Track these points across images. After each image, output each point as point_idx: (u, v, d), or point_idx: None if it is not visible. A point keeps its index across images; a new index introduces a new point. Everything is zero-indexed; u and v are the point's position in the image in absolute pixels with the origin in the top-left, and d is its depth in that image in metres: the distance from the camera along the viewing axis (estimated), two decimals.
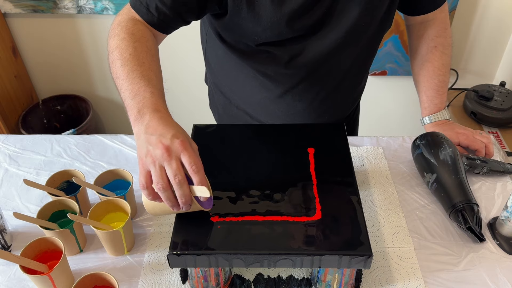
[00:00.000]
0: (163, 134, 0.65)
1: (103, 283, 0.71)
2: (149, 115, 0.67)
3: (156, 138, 0.64)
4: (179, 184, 0.64)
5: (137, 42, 0.76)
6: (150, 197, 0.67)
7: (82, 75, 2.05)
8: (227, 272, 0.75)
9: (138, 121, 0.67)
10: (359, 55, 0.97)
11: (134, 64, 0.73)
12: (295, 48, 0.89)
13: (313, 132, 0.89)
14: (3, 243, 0.81)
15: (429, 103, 1.04)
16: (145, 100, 0.69)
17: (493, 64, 1.92)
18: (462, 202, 0.83)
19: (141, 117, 0.67)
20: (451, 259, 0.81)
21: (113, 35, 0.79)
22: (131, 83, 0.71)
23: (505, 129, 1.67)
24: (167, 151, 0.63)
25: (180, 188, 0.64)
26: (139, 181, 0.66)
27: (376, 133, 2.10)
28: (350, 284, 0.75)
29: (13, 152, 1.05)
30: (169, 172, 0.64)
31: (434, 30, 1.02)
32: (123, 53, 0.75)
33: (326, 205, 0.74)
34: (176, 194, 0.65)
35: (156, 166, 0.64)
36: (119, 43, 0.76)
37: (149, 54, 0.77)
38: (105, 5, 1.79)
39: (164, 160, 0.63)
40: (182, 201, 0.66)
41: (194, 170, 0.65)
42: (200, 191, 0.66)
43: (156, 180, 0.64)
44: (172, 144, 0.64)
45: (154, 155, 0.64)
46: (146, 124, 0.66)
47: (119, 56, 0.75)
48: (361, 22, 0.86)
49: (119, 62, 0.74)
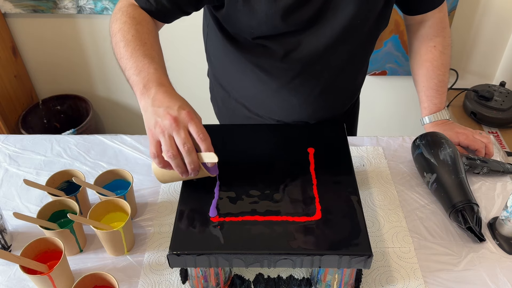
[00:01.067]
0: (170, 106, 0.68)
1: (103, 283, 0.71)
2: (154, 89, 0.71)
3: (164, 110, 0.68)
4: (188, 151, 0.68)
5: (139, 24, 0.80)
6: (161, 165, 0.71)
7: (82, 75, 2.05)
8: (227, 272, 0.75)
9: (144, 95, 0.71)
10: (355, 52, 0.97)
11: (137, 44, 0.77)
12: (290, 43, 0.90)
13: (313, 132, 0.89)
14: (3, 243, 0.82)
15: (429, 103, 1.05)
16: (150, 75, 0.73)
17: (493, 64, 1.92)
18: (462, 202, 0.83)
19: (147, 91, 0.71)
20: (451, 259, 0.81)
21: (115, 20, 0.82)
22: (135, 61, 0.75)
23: (505, 129, 1.67)
24: (175, 121, 0.67)
25: (189, 155, 0.68)
26: (150, 151, 0.70)
27: (376, 133, 2.10)
28: (350, 284, 0.75)
29: (13, 152, 1.05)
30: (178, 141, 0.68)
31: (433, 29, 1.03)
32: (125, 34, 0.78)
33: (326, 205, 0.74)
34: (185, 161, 0.69)
35: (166, 136, 0.68)
36: (121, 26, 0.80)
37: (151, 35, 0.81)
38: (105, 5, 1.79)
39: (172, 130, 0.67)
40: (191, 168, 0.70)
41: (201, 138, 0.69)
42: (208, 157, 0.70)
43: (166, 149, 0.68)
44: (179, 115, 0.68)
45: (163, 125, 0.68)
46: (152, 97, 0.70)
47: (122, 38, 0.78)
48: (356, 19, 0.87)
49: (123, 43, 0.78)
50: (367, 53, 1.03)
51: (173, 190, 0.94)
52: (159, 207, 0.90)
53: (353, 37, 0.91)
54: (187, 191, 0.78)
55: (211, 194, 0.76)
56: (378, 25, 0.94)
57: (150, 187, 0.95)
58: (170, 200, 0.92)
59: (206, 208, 0.74)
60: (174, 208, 0.89)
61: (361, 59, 1.03)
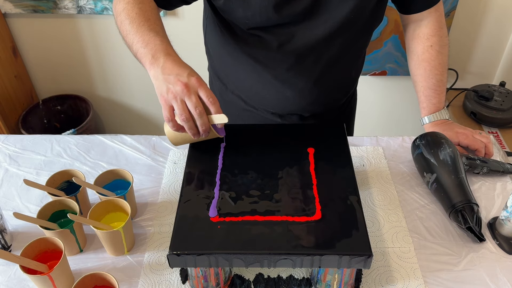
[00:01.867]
0: (179, 74, 0.74)
1: (103, 283, 0.71)
2: (163, 58, 0.76)
3: (174, 77, 0.74)
4: (200, 114, 0.74)
5: (141, 3, 0.85)
6: (174, 128, 0.77)
7: (82, 75, 2.05)
8: (227, 272, 0.75)
9: (154, 65, 0.76)
10: (348, 47, 0.98)
11: (141, 20, 0.82)
12: (284, 35, 0.92)
13: (313, 132, 0.89)
14: (3, 243, 0.82)
15: (428, 103, 1.05)
16: (157, 46, 0.78)
17: (493, 64, 1.92)
18: (462, 202, 0.83)
19: (156, 61, 0.76)
20: (451, 259, 0.81)
21: (119, 1, 0.87)
22: (141, 35, 0.80)
23: (505, 129, 1.67)
24: (186, 87, 0.73)
25: (200, 117, 0.74)
26: (164, 115, 0.76)
27: (376, 133, 2.11)
28: (350, 284, 0.75)
29: (13, 152, 1.05)
30: (190, 104, 0.73)
31: (429, 29, 1.03)
32: (130, 13, 0.83)
33: (326, 205, 0.74)
34: (196, 123, 0.75)
35: (178, 101, 0.73)
36: (125, 5, 0.85)
37: (153, 13, 0.85)
38: (105, 5, 1.79)
39: (184, 95, 0.73)
40: (202, 129, 0.76)
41: (211, 101, 0.74)
42: (218, 118, 0.76)
43: (179, 113, 0.74)
44: (189, 81, 0.73)
45: (175, 91, 0.73)
46: (161, 66, 0.75)
47: (127, 16, 0.83)
48: (350, 14, 0.88)
49: (128, 21, 0.83)
50: (361, 48, 1.04)
51: (173, 190, 0.94)
52: (159, 207, 0.90)
53: (346, 31, 0.93)
54: (187, 191, 0.78)
55: (211, 194, 0.76)
56: (372, 21, 0.96)
57: (150, 187, 0.95)
58: (170, 200, 0.92)
59: (206, 208, 0.74)
60: (174, 208, 0.89)
61: (355, 54, 1.04)
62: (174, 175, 0.97)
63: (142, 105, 2.15)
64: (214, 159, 0.84)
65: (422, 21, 1.03)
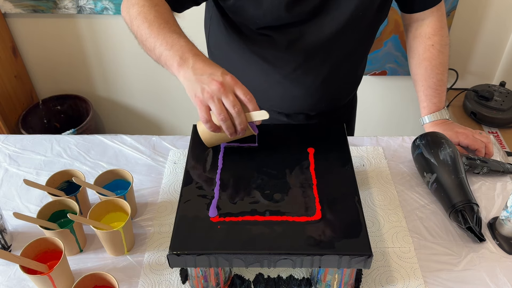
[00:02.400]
0: (213, 73, 0.73)
1: (103, 283, 0.71)
2: (192, 59, 0.74)
3: (208, 77, 0.72)
4: (238, 113, 0.73)
5: (157, 6, 0.83)
6: (212, 129, 0.75)
7: (82, 75, 2.05)
8: (227, 272, 0.75)
9: (183, 66, 0.74)
10: (356, 44, 0.99)
11: (161, 23, 0.80)
12: (293, 33, 0.92)
13: (313, 132, 0.89)
14: (3, 243, 0.81)
15: (428, 102, 1.05)
16: (183, 48, 0.76)
17: (493, 64, 1.92)
18: (462, 202, 0.83)
19: (185, 62, 0.74)
20: (451, 259, 0.81)
21: (131, 5, 0.83)
22: (164, 38, 0.77)
23: (505, 129, 1.67)
24: (222, 86, 0.71)
25: (239, 116, 0.73)
26: (201, 117, 0.74)
27: (376, 133, 2.10)
28: (350, 284, 0.75)
29: (13, 152, 1.05)
30: (228, 103, 0.72)
31: (430, 28, 1.03)
32: (147, 16, 0.80)
33: (326, 205, 0.74)
34: (234, 122, 0.74)
35: (215, 101, 0.72)
36: (140, 9, 0.82)
37: (170, 15, 0.84)
38: (105, 5, 1.79)
39: (221, 94, 0.72)
40: (241, 127, 0.75)
41: (248, 99, 0.74)
42: (259, 115, 0.75)
43: (218, 112, 0.72)
44: (224, 80, 0.72)
45: (211, 91, 0.71)
46: (192, 67, 0.74)
47: (144, 20, 0.80)
48: (358, 11, 0.89)
49: (146, 24, 0.80)
50: (367, 46, 1.05)
51: (173, 190, 0.94)
52: (159, 207, 0.90)
53: (354, 29, 0.93)
54: (187, 191, 0.78)
55: (211, 194, 0.76)
56: (378, 17, 0.96)
57: (150, 187, 0.95)
58: (170, 200, 0.92)
59: (206, 208, 0.74)
60: (174, 208, 0.89)
61: (362, 52, 1.05)
62: (174, 175, 0.97)
63: (142, 105, 2.15)
64: (214, 159, 0.84)
65: (424, 20, 1.03)
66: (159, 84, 2.04)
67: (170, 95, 2.08)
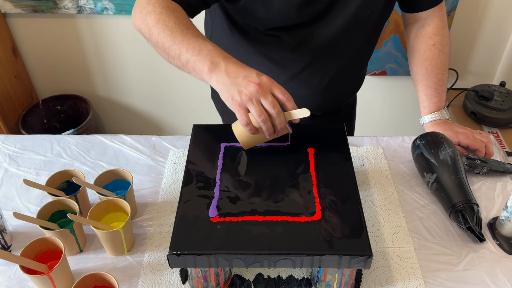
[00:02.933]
0: (248, 75, 0.72)
1: (103, 283, 0.71)
2: (223, 62, 0.74)
3: (243, 79, 0.71)
4: (278, 113, 0.72)
5: (175, 12, 0.81)
6: (252, 131, 0.74)
7: (82, 75, 2.05)
8: (227, 272, 0.75)
9: (215, 70, 0.74)
10: (362, 42, 0.99)
11: (183, 29, 0.78)
12: (302, 34, 0.92)
13: (313, 132, 0.89)
14: (3, 243, 0.81)
15: (428, 102, 1.05)
16: (212, 52, 0.75)
17: (493, 64, 1.92)
18: (462, 202, 0.83)
19: (216, 66, 0.74)
20: (451, 259, 0.81)
21: (148, 13, 0.81)
22: (189, 44, 0.76)
23: (505, 129, 1.67)
24: (260, 87, 0.71)
25: (278, 116, 0.72)
26: (240, 120, 0.73)
27: (376, 133, 2.10)
28: (350, 284, 0.75)
29: (13, 152, 1.05)
30: (267, 104, 0.71)
31: (432, 28, 1.03)
32: (167, 23, 0.78)
33: (326, 205, 0.74)
34: (274, 123, 0.73)
35: (254, 102, 0.71)
36: (159, 16, 0.79)
37: (189, 20, 0.82)
38: (105, 5, 1.79)
39: (259, 95, 0.71)
40: (280, 127, 0.74)
41: (287, 98, 0.73)
42: (300, 113, 0.75)
43: (258, 114, 0.71)
44: (261, 80, 0.72)
45: (249, 93, 0.71)
46: (224, 70, 0.73)
47: (164, 27, 0.78)
48: (365, 9, 0.89)
49: (167, 32, 0.78)
50: (372, 45, 1.06)
51: (173, 190, 0.94)
52: (159, 207, 0.90)
53: (362, 27, 0.94)
54: (187, 191, 0.78)
55: (211, 194, 0.76)
56: (383, 15, 0.97)
57: (150, 187, 0.95)
58: (170, 200, 0.92)
59: (206, 208, 0.74)
60: (174, 208, 0.89)
61: (367, 51, 1.06)
62: (174, 175, 0.97)
63: (142, 105, 2.15)
64: (214, 159, 0.84)
65: (425, 20, 1.04)
66: (159, 84, 2.04)
67: (170, 95, 2.08)
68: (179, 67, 0.79)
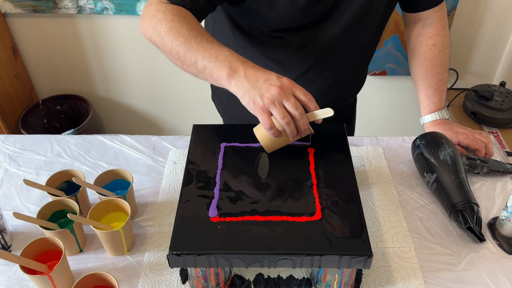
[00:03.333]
0: (268, 78, 0.72)
1: (103, 283, 0.71)
2: (242, 67, 0.73)
3: (264, 82, 0.71)
4: (301, 115, 0.72)
5: (186, 18, 0.80)
6: (275, 134, 0.74)
7: (82, 75, 2.05)
8: (227, 272, 0.75)
9: (234, 76, 0.73)
10: (365, 42, 0.99)
11: (197, 36, 0.77)
12: (307, 35, 0.92)
13: (313, 132, 0.89)
14: (3, 243, 0.81)
15: (428, 102, 1.05)
16: (229, 57, 0.74)
17: (493, 64, 1.92)
18: (462, 202, 0.83)
19: (235, 72, 0.73)
20: (451, 259, 0.81)
21: (158, 21, 0.80)
22: (205, 50, 0.75)
23: (505, 129, 1.67)
24: (281, 90, 0.71)
25: (302, 118, 0.72)
26: (264, 124, 0.72)
27: (376, 133, 2.10)
28: (350, 284, 0.75)
29: (13, 152, 1.05)
30: (290, 107, 0.71)
31: (432, 28, 1.03)
32: (180, 30, 0.77)
33: (326, 205, 0.74)
34: (298, 124, 0.73)
35: (277, 105, 0.71)
36: (170, 24, 0.78)
37: (200, 26, 0.81)
38: (105, 5, 1.79)
39: (282, 97, 0.71)
40: (303, 129, 0.74)
41: (309, 99, 0.73)
42: (324, 113, 0.75)
43: (282, 117, 0.71)
44: (282, 83, 0.71)
45: (272, 96, 0.70)
46: (244, 75, 0.73)
47: (178, 35, 0.77)
48: (369, 9, 0.89)
49: (181, 39, 0.77)
50: (374, 45, 1.06)
51: (173, 190, 0.94)
52: (159, 207, 0.90)
53: (365, 27, 0.94)
54: (187, 191, 0.78)
55: (211, 194, 0.76)
56: (386, 14, 0.97)
57: (150, 187, 0.95)
58: (170, 200, 0.92)
59: (206, 208, 0.74)
60: (174, 208, 0.89)
61: (369, 51, 1.06)
62: (174, 175, 0.97)
63: (142, 105, 2.15)
64: (214, 159, 0.84)
65: (426, 20, 1.04)
66: (159, 84, 2.04)
67: (170, 95, 2.08)
68: (194, 74, 0.78)
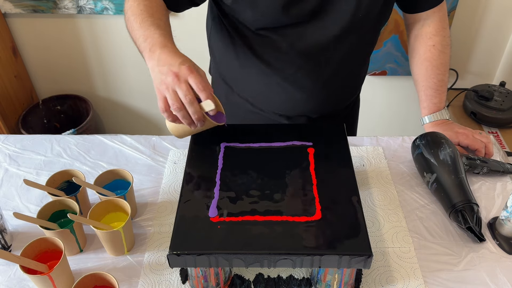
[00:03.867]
0: (172, 64, 0.75)
1: (103, 283, 0.71)
2: (159, 50, 0.77)
3: (167, 68, 0.74)
4: (190, 102, 0.74)
5: (147, 1, 0.86)
6: (170, 118, 0.77)
7: (82, 75, 2.05)
8: (227, 272, 0.75)
9: (151, 57, 0.78)
10: (357, 46, 0.98)
11: (145, 16, 0.83)
12: (293, 35, 0.92)
13: (313, 132, 0.89)
14: (3, 243, 0.82)
15: (428, 102, 1.05)
16: (155, 40, 0.79)
17: (493, 64, 1.92)
18: (462, 202, 0.83)
19: (152, 54, 0.77)
20: (451, 259, 0.81)
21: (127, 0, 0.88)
22: (144, 30, 0.81)
23: (505, 129, 1.67)
24: (176, 76, 0.73)
25: (191, 105, 0.74)
26: (159, 107, 0.76)
27: (376, 133, 2.10)
28: (350, 284, 0.75)
29: (13, 152, 1.05)
30: (180, 93, 0.73)
31: (432, 28, 1.03)
32: (135, 10, 0.85)
33: (326, 205, 0.74)
34: (189, 112, 0.75)
35: (170, 91, 0.74)
36: (132, 3, 0.86)
37: (158, 9, 0.86)
38: (105, 5, 1.79)
39: (175, 84, 0.73)
40: (195, 118, 0.75)
41: (200, 88, 0.74)
42: (206, 105, 0.75)
43: (171, 102, 0.74)
44: (180, 70, 0.74)
45: (167, 82, 0.74)
46: (157, 58, 0.76)
47: (132, 13, 0.85)
48: (358, 13, 0.88)
49: (133, 17, 0.84)
50: (369, 48, 1.05)
51: (173, 190, 0.94)
52: (159, 207, 0.90)
53: (356, 31, 0.93)
54: (187, 191, 0.78)
55: (211, 194, 0.76)
56: (380, 19, 0.96)
57: (150, 187, 0.95)
58: (170, 200, 0.92)
59: (206, 208, 0.74)
60: (174, 208, 0.89)
61: (363, 54, 1.05)
62: (174, 175, 0.97)
63: (142, 105, 2.15)
64: (214, 159, 0.84)
65: (426, 21, 1.03)
66: None
67: None
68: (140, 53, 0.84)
